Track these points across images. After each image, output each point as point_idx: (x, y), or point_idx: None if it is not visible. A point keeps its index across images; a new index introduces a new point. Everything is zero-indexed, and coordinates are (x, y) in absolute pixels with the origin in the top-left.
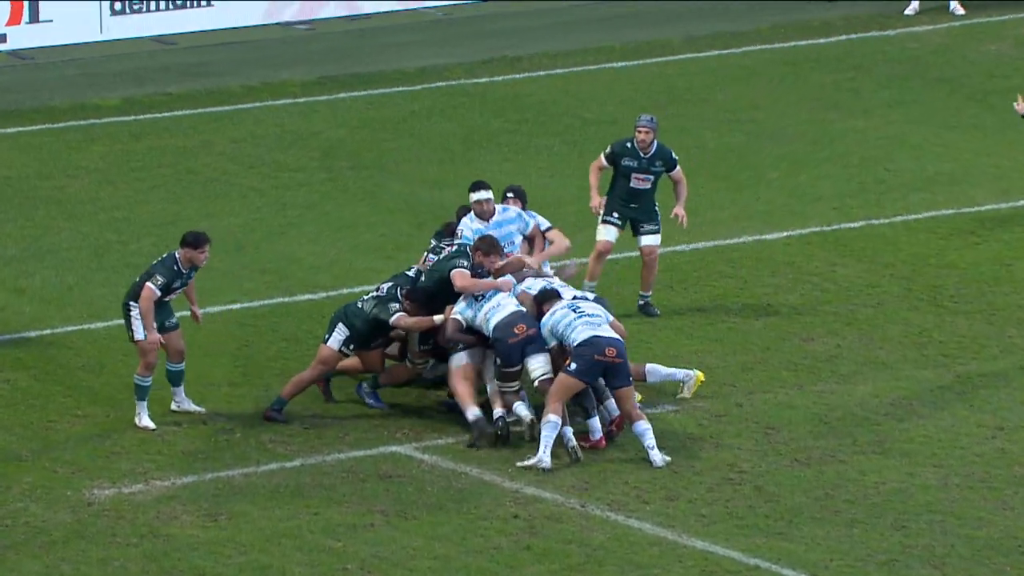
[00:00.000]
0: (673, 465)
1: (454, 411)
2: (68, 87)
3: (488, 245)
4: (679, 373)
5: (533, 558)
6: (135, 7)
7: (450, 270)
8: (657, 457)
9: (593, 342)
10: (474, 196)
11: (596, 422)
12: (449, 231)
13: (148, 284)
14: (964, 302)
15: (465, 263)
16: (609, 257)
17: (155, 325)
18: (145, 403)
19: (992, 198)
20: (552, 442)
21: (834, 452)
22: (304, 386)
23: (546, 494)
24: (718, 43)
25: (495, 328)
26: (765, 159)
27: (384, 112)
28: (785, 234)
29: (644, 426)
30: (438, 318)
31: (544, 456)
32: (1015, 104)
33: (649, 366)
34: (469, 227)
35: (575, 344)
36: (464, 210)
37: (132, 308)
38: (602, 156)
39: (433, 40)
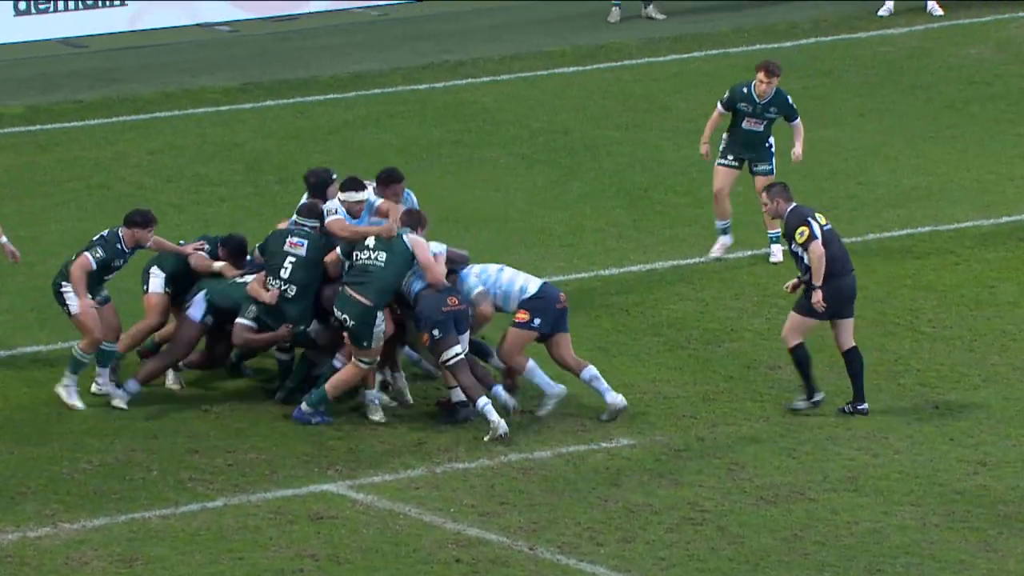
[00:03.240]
0: (629, 504)
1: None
2: None
3: (417, 219)
4: (553, 387)
5: None
6: (41, 7)
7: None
8: (616, 398)
9: (548, 291)
10: (356, 196)
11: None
12: (313, 212)
13: (86, 253)
14: (943, 327)
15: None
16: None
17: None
18: (76, 377)
19: (973, 214)
20: (544, 377)
21: (803, 489)
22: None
23: (491, 536)
24: (678, 47)
25: (422, 295)
26: None
27: (314, 121)
28: (750, 253)
29: (592, 372)
30: (218, 265)
31: (551, 389)
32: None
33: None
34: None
35: (530, 296)
36: (314, 176)
37: (65, 287)
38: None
39: (367, 43)
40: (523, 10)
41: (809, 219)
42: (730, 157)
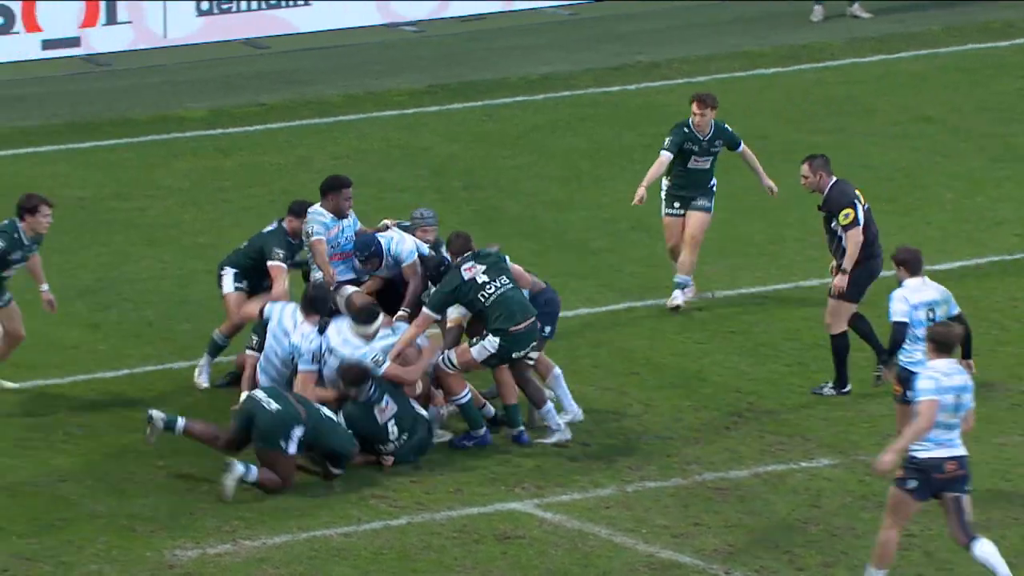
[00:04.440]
0: (831, 527)
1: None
2: (149, 97)
3: (463, 242)
4: (572, 408)
5: None
6: (224, 7)
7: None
8: (574, 409)
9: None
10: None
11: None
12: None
13: (276, 264)
14: None
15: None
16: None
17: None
18: (211, 359)
19: None
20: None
21: (1018, 515)
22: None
23: (685, 559)
24: (884, 47)
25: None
26: (937, 178)
27: (502, 125)
28: (960, 264)
29: (556, 371)
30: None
31: (571, 408)
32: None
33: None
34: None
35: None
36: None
37: (225, 270)
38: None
39: (557, 44)
40: (720, 9)
41: (855, 201)
42: (676, 205)
